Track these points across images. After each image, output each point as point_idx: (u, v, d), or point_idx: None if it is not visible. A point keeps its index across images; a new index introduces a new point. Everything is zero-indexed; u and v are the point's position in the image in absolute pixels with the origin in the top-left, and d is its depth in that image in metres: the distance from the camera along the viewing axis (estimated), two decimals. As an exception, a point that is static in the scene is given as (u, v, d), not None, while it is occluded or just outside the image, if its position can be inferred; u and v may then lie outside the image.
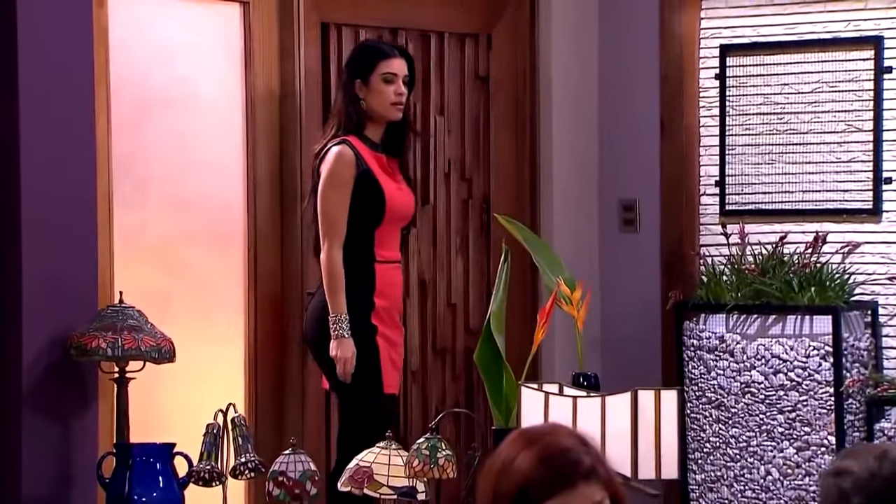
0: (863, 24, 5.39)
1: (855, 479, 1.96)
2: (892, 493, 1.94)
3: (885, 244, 5.36)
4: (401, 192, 4.82)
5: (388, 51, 4.86)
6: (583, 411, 3.10)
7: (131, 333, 3.96)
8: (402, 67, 4.83)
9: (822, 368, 5.19)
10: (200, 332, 4.66)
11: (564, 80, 5.72)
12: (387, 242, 4.78)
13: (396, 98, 4.79)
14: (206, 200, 4.69)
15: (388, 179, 4.79)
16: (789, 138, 5.54)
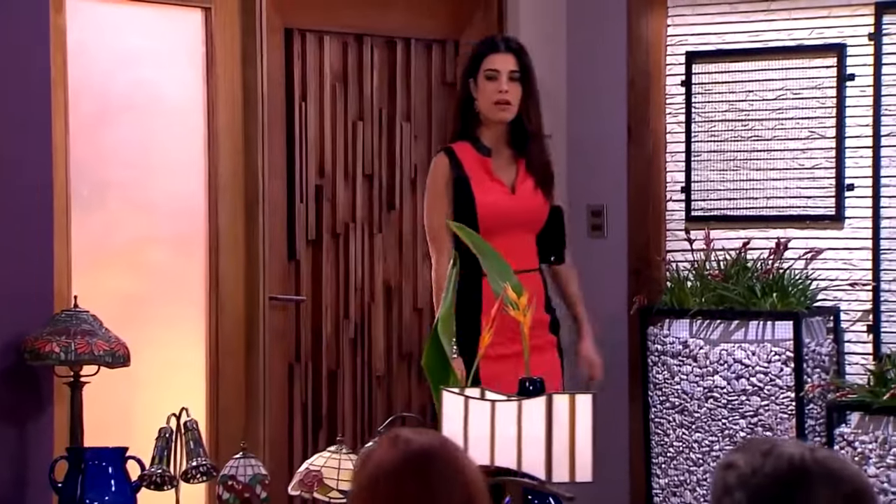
0: (826, 31, 5.36)
1: (739, 474, 1.90)
2: (773, 490, 1.88)
3: (848, 250, 5.33)
4: (507, 198, 4.48)
5: (492, 45, 4.55)
6: (500, 415, 3.07)
7: (85, 338, 3.91)
8: (506, 63, 4.49)
9: (784, 373, 5.15)
10: (162, 335, 4.61)
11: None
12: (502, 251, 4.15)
13: (498, 97, 4.45)
14: (168, 204, 4.64)
15: (491, 185, 4.46)
16: (754, 145, 5.50)
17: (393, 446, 2.11)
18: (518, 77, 4.47)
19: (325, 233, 5.15)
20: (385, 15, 5.30)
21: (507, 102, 4.45)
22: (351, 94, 5.23)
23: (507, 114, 4.47)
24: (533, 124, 4.51)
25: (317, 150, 5.14)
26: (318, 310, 5.12)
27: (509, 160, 4.51)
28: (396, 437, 2.14)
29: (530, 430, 3.03)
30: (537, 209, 4.53)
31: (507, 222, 4.45)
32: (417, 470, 2.08)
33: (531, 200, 4.51)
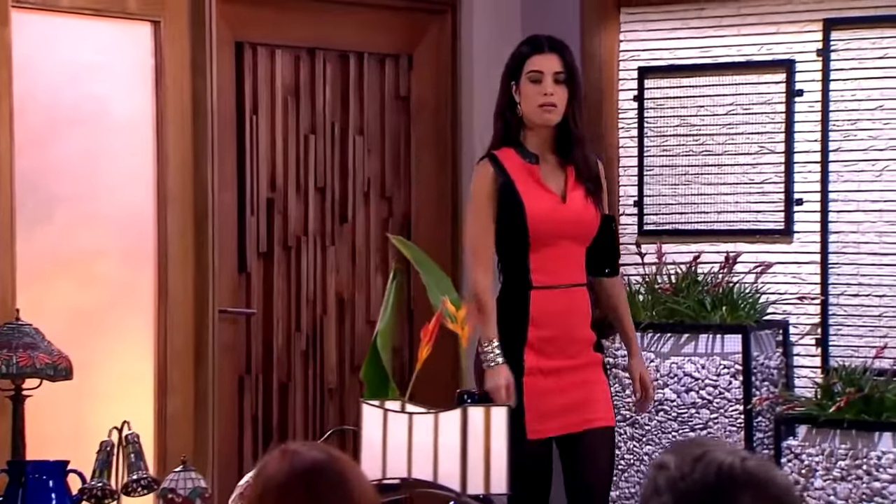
0: (775, 48, 5.35)
1: (668, 477, 1.88)
2: (699, 497, 1.85)
3: (797, 264, 5.31)
4: (558, 206, 4.19)
5: (535, 45, 4.25)
6: (418, 427, 3.04)
7: (26, 351, 3.85)
8: (550, 64, 4.19)
9: (733, 387, 5.13)
10: (111, 348, 4.56)
11: (487, 100, 5.64)
12: (549, 264, 4.16)
13: (543, 99, 4.15)
14: (117, 217, 4.59)
15: (541, 193, 4.19)
16: (705, 159, 5.49)
17: (282, 459, 2.11)
18: (563, 79, 4.20)
19: (277, 245, 5.11)
20: (338, 29, 5.26)
21: (552, 105, 4.17)
22: (303, 107, 5.20)
23: (554, 116, 4.18)
24: (579, 128, 4.24)
25: (268, 163, 5.10)
26: (269, 322, 5.08)
27: (556, 167, 4.23)
28: (286, 450, 2.13)
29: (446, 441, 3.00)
30: (589, 220, 4.24)
31: (557, 233, 4.18)
32: (305, 484, 2.08)
33: (583, 210, 4.22)
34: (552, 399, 4.14)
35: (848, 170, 5.22)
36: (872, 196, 5.17)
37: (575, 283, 4.20)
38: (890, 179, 5.14)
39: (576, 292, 4.20)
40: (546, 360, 4.13)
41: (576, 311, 4.22)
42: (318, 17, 5.20)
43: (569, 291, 4.19)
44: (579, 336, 4.22)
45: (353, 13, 5.30)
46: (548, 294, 4.15)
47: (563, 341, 4.17)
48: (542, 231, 4.15)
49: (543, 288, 4.15)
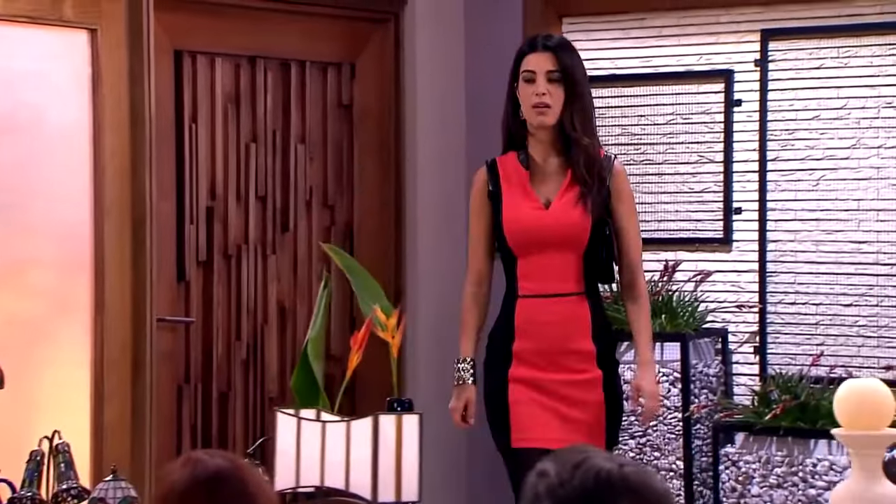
0: (714, 58, 5.36)
1: (548, 483, 1.88)
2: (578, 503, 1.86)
3: (736, 272, 5.31)
4: (537, 214, 4.03)
5: (530, 45, 4.12)
6: (331, 435, 3.02)
7: (-44, 360, 3.81)
8: (542, 62, 4.04)
9: (672, 394, 5.13)
10: (48, 357, 4.51)
11: (430, 108, 5.63)
12: (537, 273, 4.01)
13: (535, 99, 4.00)
14: (53, 226, 4.55)
15: (522, 201, 4.03)
16: (646, 168, 5.49)
17: (185, 467, 2.10)
18: (558, 78, 4.03)
19: (217, 254, 5.08)
20: (279, 38, 5.23)
21: (544, 105, 4.00)
22: (244, 115, 5.16)
23: (546, 118, 4.01)
24: (577, 130, 4.03)
25: (208, 172, 5.06)
26: (208, 331, 5.04)
27: (557, 171, 4.06)
28: (189, 458, 2.13)
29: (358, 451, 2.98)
30: (572, 225, 4.02)
31: (538, 240, 4.01)
32: (207, 491, 2.07)
33: (566, 216, 4.02)
34: (535, 411, 3.99)
35: (785, 179, 5.23)
36: (809, 205, 5.18)
37: (567, 293, 4.02)
38: (826, 189, 5.15)
39: (568, 302, 4.01)
40: (534, 371, 3.98)
41: (569, 322, 4.02)
42: (259, 25, 5.17)
43: (559, 301, 4.02)
44: (575, 348, 4.02)
45: (295, 22, 5.27)
46: (534, 303, 4.01)
47: (554, 353, 4.00)
48: (519, 239, 4.02)
49: (530, 297, 4.02)
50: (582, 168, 3.98)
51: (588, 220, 4.01)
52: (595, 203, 4.02)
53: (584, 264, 4.00)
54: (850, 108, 5.11)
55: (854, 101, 5.09)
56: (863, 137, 5.09)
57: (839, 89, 5.12)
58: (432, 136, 5.63)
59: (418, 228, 5.58)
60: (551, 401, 3.96)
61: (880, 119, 5.06)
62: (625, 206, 4.11)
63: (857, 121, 5.10)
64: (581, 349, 4.02)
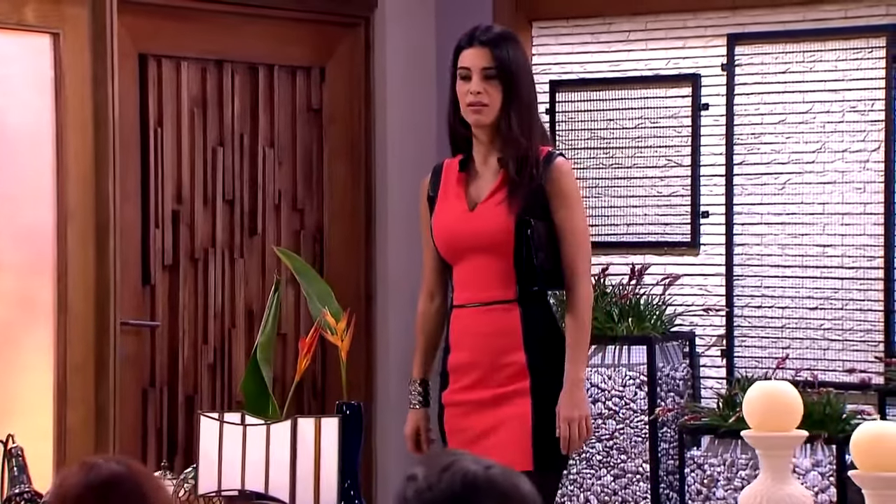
0: (682, 62, 5.32)
1: (416, 487, 1.86)
2: None
3: (703, 276, 5.28)
4: (460, 218, 3.74)
5: (465, 41, 3.78)
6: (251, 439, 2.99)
7: (-90, 363, 3.76)
8: (478, 59, 3.71)
9: (638, 397, 5.09)
10: (10, 361, 4.46)
11: (400, 112, 5.59)
12: (468, 280, 3.69)
13: (471, 98, 3.69)
14: (15, 228, 4.50)
15: (450, 205, 3.76)
16: (614, 172, 5.45)
17: (80, 472, 2.08)
18: (494, 75, 3.69)
19: (183, 258, 5.03)
20: (246, 41, 5.19)
21: (479, 104, 3.69)
22: (210, 119, 5.12)
23: (482, 116, 3.70)
24: (513, 128, 3.70)
25: (174, 176, 5.01)
26: (174, 335, 4.99)
27: (495, 171, 3.75)
28: (85, 462, 2.10)
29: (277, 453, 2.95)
30: (493, 228, 3.69)
31: (462, 245, 3.72)
32: (99, 497, 2.05)
33: (487, 219, 3.70)
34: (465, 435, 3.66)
35: (752, 183, 5.19)
36: (775, 209, 5.14)
37: (496, 301, 3.69)
38: (792, 192, 5.11)
39: (498, 310, 3.68)
40: (465, 393, 3.67)
41: (500, 333, 3.68)
42: (226, 29, 5.13)
43: (489, 310, 3.69)
44: (506, 361, 3.66)
45: (263, 26, 5.23)
46: (466, 313, 3.71)
47: (485, 368, 3.67)
48: (445, 245, 3.77)
49: (462, 307, 3.72)
50: (511, 167, 3.68)
51: (511, 222, 3.68)
52: (519, 204, 3.68)
53: (515, 270, 3.68)
54: (815, 112, 5.07)
55: (819, 105, 5.05)
56: (828, 141, 5.05)
57: (805, 93, 5.08)
58: (402, 140, 5.59)
59: (388, 233, 5.53)
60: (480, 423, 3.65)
61: (845, 123, 5.02)
62: (565, 206, 3.72)
63: (823, 125, 5.05)
64: (511, 361, 3.66)
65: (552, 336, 3.74)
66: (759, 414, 2.85)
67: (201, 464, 3.05)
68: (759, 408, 2.85)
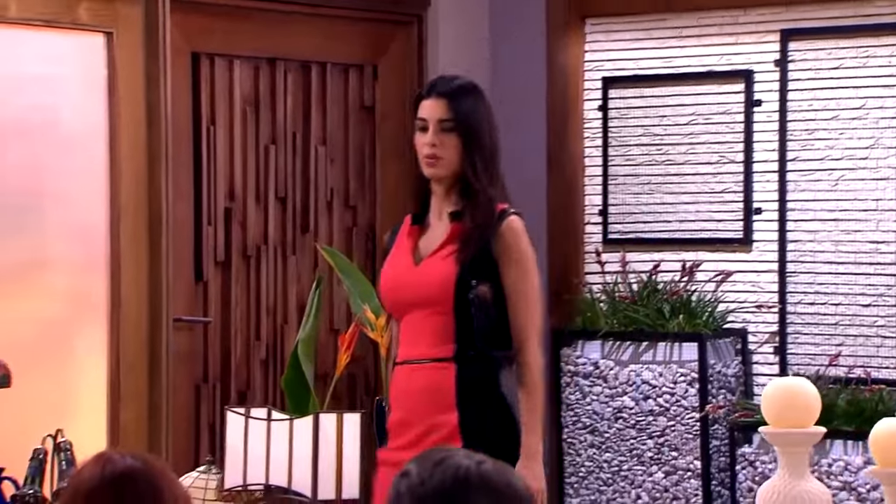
0: (734, 58, 5.28)
1: (409, 483, 1.87)
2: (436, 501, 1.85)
3: (756, 273, 5.23)
4: (403, 273, 3.61)
5: (425, 91, 3.67)
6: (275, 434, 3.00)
7: (-37, 359, 3.81)
8: (434, 110, 3.58)
9: (689, 394, 5.06)
10: (64, 358, 4.50)
11: (453, 111, 5.58)
12: (410, 336, 3.56)
13: (427, 150, 3.57)
14: (69, 227, 4.54)
15: (397, 259, 3.65)
16: (667, 169, 5.42)
17: (95, 466, 2.08)
18: (451, 127, 3.57)
19: (235, 255, 5.05)
20: (299, 40, 5.20)
21: (434, 157, 3.57)
22: (263, 117, 5.13)
23: (437, 170, 3.57)
24: (480, 180, 3.55)
25: (226, 174, 5.04)
26: (226, 331, 5.01)
27: (446, 226, 3.62)
28: (101, 456, 2.10)
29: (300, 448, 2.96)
30: (437, 284, 3.55)
31: (401, 301, 3.60)
32: (114, 491, 2.05)
33: (428, 274, 3.56)
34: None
35: (805, 179, 5.14)
36: (829, 205, 5.09)
37: (431, 358, 3.53)
38: (845, 188, 5.06)
39: (432, 368, 3.52)
40: (400, 450, 3.46)
41: (432, 392, 3.51)
42: (278, 27, 5.14)
43: (423, 368, 3.53)
44: (438, 422, 3.49)
45: (316, 24, 5.24)
46: (404, 370, 3.56)
47: (418, 428, 3.50)
48: (388, 299, 3.65)
49: (402, 363, 3.58)
50: (466, 222, 3.55)
51: (452, 278, 3.53)
52: (465, 260, 3.53)
53: (456, 327, 3.51)
54: (868, 108, 5.01)
55: (873, 100, 5.00)
56: (882, 137, 5.00)
57: (858, 89, 5.02)
58: (455, 138, 5.58)
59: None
60: None
61: (899, 118, 4.96)
62: (513, 266, 3.55)
63: (876, 120, 5.00)
64: (443, 422, 3.49)
65: (491, 397, 3.56)
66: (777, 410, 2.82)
67: (228, 459, 3.08)
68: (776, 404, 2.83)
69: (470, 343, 3.51)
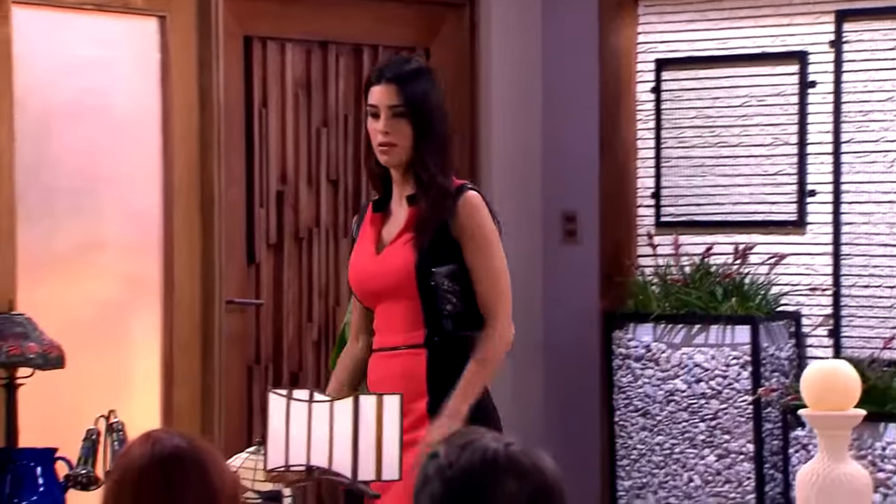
0: (789, 39, 5.23)
1: (438, 465, 1.87)
2: (465, 483, 1.84)
3: (809, 255, 5.20)
4: (366, 262, 3.59)
5: (374, 76, 3.59)
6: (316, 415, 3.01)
7: (17, 340, 3.84)
8: (385, 96, 3.51)
9: (742, 377, 5.03)
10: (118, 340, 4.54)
11: (505, 93, 5.58)
12: (382, 325, 3.55)
13: (380, 138, 3.52)
14: (123, 209, 4.57)
15: (361, 248, 3.63)
16: (720, 151, 5.39)
17: (144, 445, 2.10)
18: (402, 113, 3.50)
19: (287, 237, 5.07)
20: (351, 23, 5.21)
21: (387, 144, 3.51)
22: (315, 100, 5.15)
23: (389, 157, 3.52)
24: (428, 168, 3.50)
25: (278, 157, 5.06)
26: (279, 313, 5.04)
27: (406, 211, 3.58)
28: (149, 435, 2.12)
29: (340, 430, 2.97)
30: (394, 271, 3.51)
31: (369, 290, 3.58)
32: (163, 470, 2.07)
33: (392, 262, 3.52)
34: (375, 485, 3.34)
35: (860, 161, 5.10)
36: (884, 187, 5.05)
37: (401, 346, 3.50)
38: (900, 170, 5.01)
39: (406, 356, 3.49)
40: None
41: (405, 379, 3.45)
42: (330, 10, 5.15)
43: (396, 355, 3.51)
44: (409, 408, 3.36)
45: (367, 6, 5.24)
46: (379, 358, 3.55)
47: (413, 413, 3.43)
48: (356, 289, 3.62)
49: (377, 351, 3.56)
50: (424, 205, 3.49)
51: (412, 266, 3.49)
52: (424, 245, 3.48)
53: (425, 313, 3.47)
54: (924, 89, 4.96)
55: (929, 81, 4.95)
56: (938, 118, 4.95)
57: (914, 69, 4.97)
58: (507, 121, 5.58)
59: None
60: None
61: (955, 99, 4.91)
62: (475, 245, 3.49)
63: (933, 101, 4.95)
64: (413, 409, 3.41)
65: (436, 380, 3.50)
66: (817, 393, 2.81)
67: (270, 440, 3.10)
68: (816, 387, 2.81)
69: (437, 329, 3.48)
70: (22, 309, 4.06)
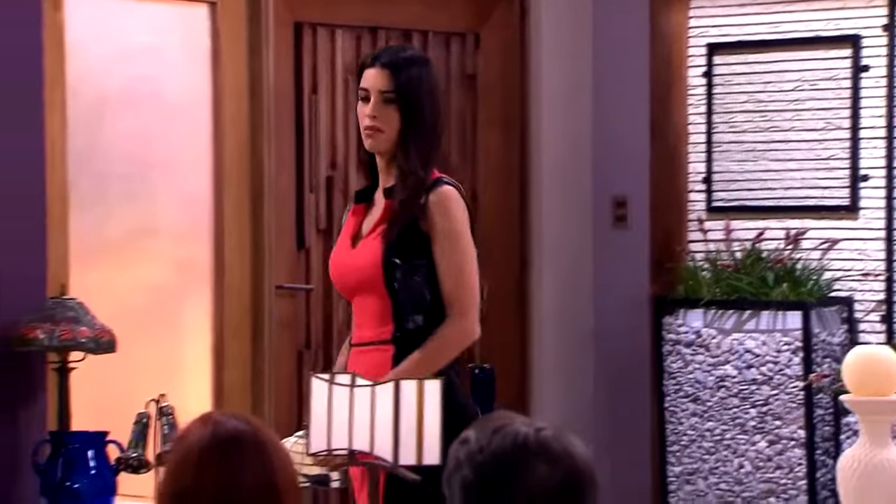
0: (842, 23, 5.20)
1: (468, 450, 1.87)
2: (496, 468, 1.84)
3: (862, 241, 5.16)
4: (342, 255, 3.52)
5: (368, 59, 3.54)
6: (358, 400, 3.01)
7: (70, 325, 3.89)
8: (376, 80, 3.45)
9: (793, 363, 5.01)
10: (169, 324, 4.58)
11: (556, 78, 5.57)
12: (358, 319, 3.48)
13: (367, 122, 3.44)
14: (174, 194, 4.61)
15: (340, 240, 3.56)
16: (772, 136, 5.36)
17: (204, 427, 2.10)
18: (392, 99, 3.41)
19: (337, 222, 5.06)
20: (400, 8, 5.21)
21: (373, 129, 3.42)
22: (365, 86, 5.14)
23: (375, 143, 3.43)
24: (409, 158, 3.40)
25: (328, 142, 5.07)
26: (328, 298, 5.05)
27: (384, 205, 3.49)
28: (208, 417, 2.13)
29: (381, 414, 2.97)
30: (365, 266, 3.43)
31: (342, 284, 3.52)
32: (223, 451, 2.07)
33: (363, 256, 3.45)
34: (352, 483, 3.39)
35: (913, 145, 5.06)
36: (937, 172, 5.00)
37: (373, 341, 3.43)
38: (954, 155, 4.96)
39: (374, 351, 3.42)
40: None
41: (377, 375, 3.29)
42: (379, -4, 5.16)
43: (366, 351, 3.43)
44: None
45: (417, -7, 5.25)
46: (354, 353, 3.48)
47: None
48: (334, 282, 3.59)
49: (353, 346, 3.50)
50: (399, 198, 3.39)
51: (378, 260, 3.40)
52: (392, 240, 3.40)
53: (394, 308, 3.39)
54: (979, 72, 4.91)
55: (983, 64, 4.89)
56: None
57: (968, 53, 4.92)
58: (558, 107, 5.57)
59: (543, 199, 5.52)
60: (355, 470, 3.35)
61: None
62: (442, 239, 3.39)
63: None
64: None
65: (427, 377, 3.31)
66: (858, 378, 2.79)
67: (313, 424, 3.11)
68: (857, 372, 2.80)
69: (403, 324, 3.40)
70: (74, 294, 4.10)
